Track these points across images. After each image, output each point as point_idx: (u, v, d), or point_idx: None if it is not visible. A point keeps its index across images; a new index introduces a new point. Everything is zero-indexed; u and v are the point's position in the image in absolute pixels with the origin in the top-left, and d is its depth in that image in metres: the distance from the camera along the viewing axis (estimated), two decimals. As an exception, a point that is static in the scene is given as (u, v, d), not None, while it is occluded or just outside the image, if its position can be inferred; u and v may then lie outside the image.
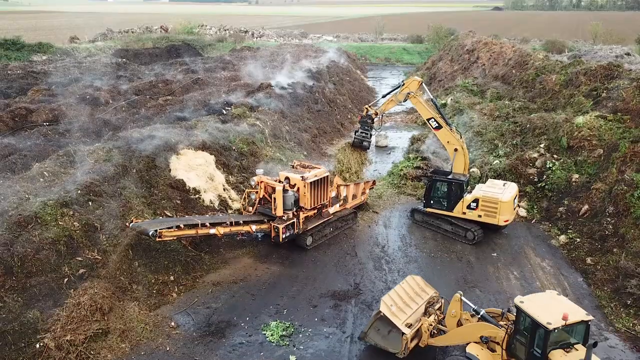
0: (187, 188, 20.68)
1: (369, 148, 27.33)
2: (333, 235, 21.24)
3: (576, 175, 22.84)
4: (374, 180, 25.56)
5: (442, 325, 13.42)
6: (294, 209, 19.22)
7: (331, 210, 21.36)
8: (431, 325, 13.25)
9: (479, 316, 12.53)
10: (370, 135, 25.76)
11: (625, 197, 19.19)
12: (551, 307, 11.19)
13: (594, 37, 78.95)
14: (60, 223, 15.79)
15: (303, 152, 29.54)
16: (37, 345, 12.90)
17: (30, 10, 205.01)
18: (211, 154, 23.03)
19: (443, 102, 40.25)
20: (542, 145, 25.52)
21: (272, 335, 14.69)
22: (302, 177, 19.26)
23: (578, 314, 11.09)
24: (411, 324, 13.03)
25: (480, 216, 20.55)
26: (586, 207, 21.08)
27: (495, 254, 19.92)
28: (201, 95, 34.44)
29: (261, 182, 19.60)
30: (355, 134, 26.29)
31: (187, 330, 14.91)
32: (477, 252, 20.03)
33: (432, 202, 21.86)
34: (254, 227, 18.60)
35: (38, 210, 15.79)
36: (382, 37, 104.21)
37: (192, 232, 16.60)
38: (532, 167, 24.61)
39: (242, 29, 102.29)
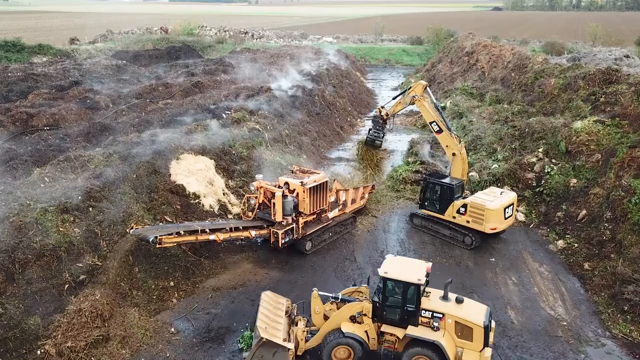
0: (187, 193, 20.78)
1: (380, 147, 27.76)
2: (332, 240, 21.34)
3: (574, 180, 22.95)
4: (373, 185, 25.67)
5: (309, 326, 14.13)
6: (293, 214, 19.32)
7: (330, 215, 21.45)
8: (304, 331, 13.80)
9: (339, 301, 13.80)
10: (382, 135, 26.34)
11: (623, 203, 19.27)
12: (406, 268, 13.26)
13: (593, 38, 79.08)
14: (60, 229, 15.92)
15: (303, 155, 29.65)
16: (39, 352, 13.01)
17: (30, 10, 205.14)
18: (211, 158, 23.14)
19: (442, 105, 40.34)
20: (540, 150, 25.64)
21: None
22: (302, 182, 19.35)
23: (426, 264, 13.50)
24: (287, 338, 13.38)
25: (468, 222, 20.69)
26: (584, 212, 21.18)
27: (493, 259, 20.03)
28: (201, 99, 34.55)
29: (260, 187, 19.69)
30: (368, 133, 26.92)
31: (187, 337, 15.01)
32: (476, 257, 20.14)
33: (426, 203, 22.10)
34: (253, 233, 18.72)
35: (39, 217, 15.93)
36: (382, 38, 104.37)
37: (192, 238, 16.71)
38: (531, 172, 24.72)
39: (242, 30, 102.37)
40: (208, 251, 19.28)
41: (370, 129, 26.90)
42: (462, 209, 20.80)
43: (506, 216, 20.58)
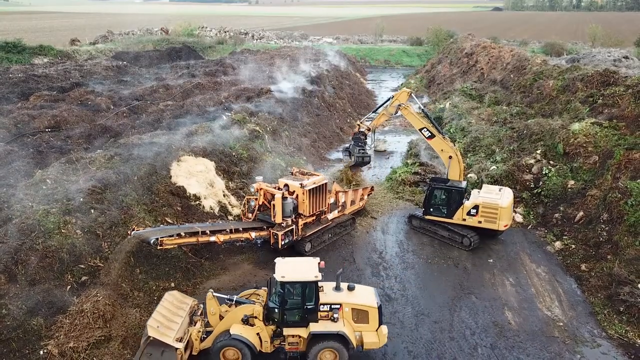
0: (188, 195, 20.96)
1: (369, 162, 26.87)
2: (332, 242, 21.49)
3: (572, 182, 23.12)
4: (372, 186, 25.81)
5: (208, 327, 14.32)
6: (293, 216, 19.48)
7: (330, 216, 21.61)
8: (199, 332, 13.98)
9: (234, 303, 14.13)
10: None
11: (619, 205, 19.45)
12: (300, 268, 13.68)
13: (593, 39, 79.30)
14: (62, 231, 16.08)
15: (302, 157, 29.82)
16: (41, 352, 13.14)
17: (31, 10, 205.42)
18: (211, 160, 23.31)
19: (441, 106, 40.54)
20: (538, 152, 25.79)
21: (271, 341, 14.90)
22: (301, 184, 19.51)
23: (316, 260, 14.07)
24: (181, 337, 13.44)
25: (480, 222, 20.84)
26: (581, 213, 21.35)
27: (491, 260, 20.19)
28: (201, 101, 34.71)
29: (260, 189, 19.87)
30: (351, 152, 25.20)
31: (188, 337, 15.14)
32: (474, 259, 20.30)
33: (431, 209, 22.06)
34: (253, 234, 18.89)
35: (41, 218, 16.08)
36: (382, 39, 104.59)
37: (192, 239, 16.90)
38: (529, 173, 24.88)
39: (242, 31, 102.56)
40: (208, 252, 19.46)
41: (347, 147, 25.41)
42: (474, 211, 20.94)
43: (512, 212, 21.24)
